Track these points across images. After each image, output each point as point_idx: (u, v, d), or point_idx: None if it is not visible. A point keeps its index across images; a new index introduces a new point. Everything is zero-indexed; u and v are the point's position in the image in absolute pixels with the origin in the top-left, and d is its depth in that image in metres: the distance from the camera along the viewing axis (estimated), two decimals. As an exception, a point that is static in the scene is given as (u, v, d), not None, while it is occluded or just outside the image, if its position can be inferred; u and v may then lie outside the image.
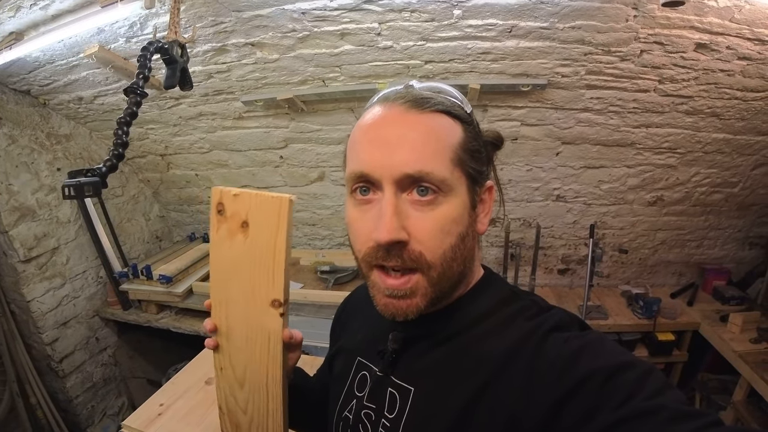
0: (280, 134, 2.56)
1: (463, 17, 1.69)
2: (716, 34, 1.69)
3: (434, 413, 0.59)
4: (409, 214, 0.55)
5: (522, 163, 2.43)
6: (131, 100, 1.39)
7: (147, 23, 1.83)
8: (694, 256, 2.73)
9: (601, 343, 0.55)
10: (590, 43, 1.76)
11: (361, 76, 2.05)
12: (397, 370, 0.66)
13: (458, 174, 0.57)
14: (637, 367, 0.50)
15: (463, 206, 0.58)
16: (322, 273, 2.69)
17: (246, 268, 0.62)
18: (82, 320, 2.83)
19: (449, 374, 0.60)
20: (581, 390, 0.49)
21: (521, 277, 2.77)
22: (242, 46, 1.94)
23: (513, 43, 1.79)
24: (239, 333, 0.66)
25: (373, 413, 0.66)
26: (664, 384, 0.49)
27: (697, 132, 2.15)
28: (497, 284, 0.68)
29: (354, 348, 0.76)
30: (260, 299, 0.62)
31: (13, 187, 2.45)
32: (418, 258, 0.56)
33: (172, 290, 2.60)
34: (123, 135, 1.37)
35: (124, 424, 1.64)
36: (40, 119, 2.62)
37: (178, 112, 2.51)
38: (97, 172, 1.29)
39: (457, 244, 0.58)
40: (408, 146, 0.55)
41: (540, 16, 1.66)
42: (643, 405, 0.46)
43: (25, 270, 2.52)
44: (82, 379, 2.85)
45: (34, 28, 1.89)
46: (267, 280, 0.61)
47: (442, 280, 0.58)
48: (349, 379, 0.73)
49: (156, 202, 3.50)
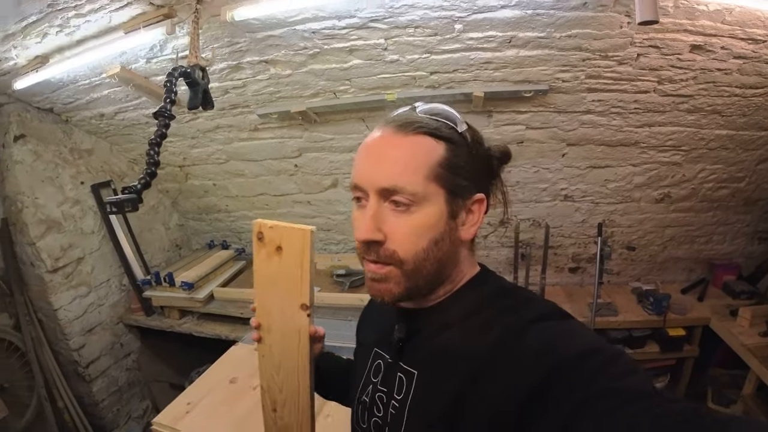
0: (294, 144, 2.71)
1: (464, 31, 1.81)
2: (710, 36, 1.77)
3: (432, 398, 0.69)
4: (387, 218, 0.68)
5: (529, 165, 2.53)
6: (161, 123, 1.56)
7: (166, 45, 1.99)
8: (704, 252, 2.81)
9: (573, 331, 0.62)
10: (587, 50, 1.87)
11: (370, 88, 2.19)
12: (404, 357, 0.76)
13: (434, 188, 0.67)
14: (605, 352, 0.56)
15: (438, 215, 0.68)
16: (337, 276, 2.84)
17: (281, 280, 0.81)
18: (107, 327, 3.01)
19: (443, 365, 0.70)
20: (552, 376, 0.55)
21: (532, 277, 2.86)
22: (256, 64, 2.09)
23: (513, 52, 1.91)
24: (277, 329, 0.86)
25: (384, 396, 0.78)
26: (630, 368, 0.54)
27: (699, 129, 2.23)
28: (488, 281, 0.77)
29: (372, 341, 0.89)
30: (292, 304, 0.82)
31: (39, 200, 2.64)
32: (392, 255, 0.68)
33: (194, 296, 2.77)
34: (155, 155, 1.55)
35: (155, 421, 1.79)
36: (63, 135, 2.81)
37: (196, 126, 2.67)
38: (134, 189, 1.47)
39: (429, 247, 0.68)
40: (388, 163, 0.67)
41: (537, 27, 1.78)
42: (605, 385, 0.51)
43: (52, 279, 2.70)
44: (107, 383, 3.03)
45: (59, 52, 2.05)
46: (297, 290, 0.80)
47: (416, 274, 0.69)
48: (367, 368, 0.85)
49: (175, 211, 3.68)
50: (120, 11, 1.77)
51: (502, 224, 0.87)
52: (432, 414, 0.68)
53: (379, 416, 0.78)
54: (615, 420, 0.47)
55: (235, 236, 3.72)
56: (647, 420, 0.46)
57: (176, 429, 1.73)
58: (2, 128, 2.58)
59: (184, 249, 3.78)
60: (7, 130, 2.56)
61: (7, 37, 1.88)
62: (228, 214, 3.52)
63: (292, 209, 3.23)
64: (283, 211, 3.25)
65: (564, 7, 1.69)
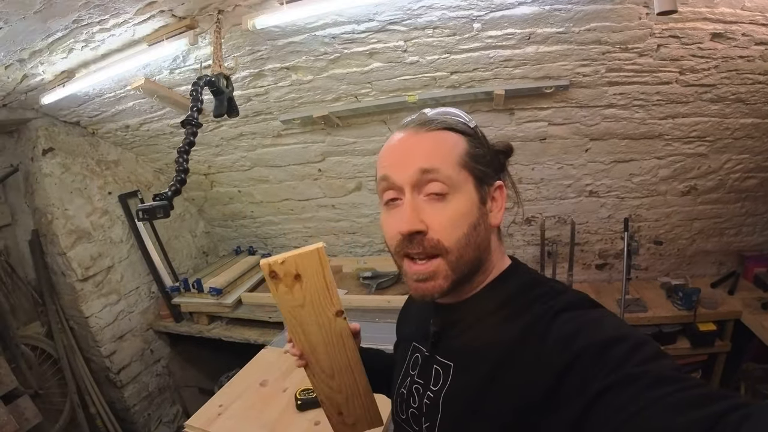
0: (318, 148, 2.77)
1: (483, 29, 1.84)
2: (730, 23, 1.76)
3: (466, 387, 0.72)
4: (425, 209, 0.70)
5: (552, 162, 2.54)
6: (188, 131, 1.63)
7: (189, 55, 2.05)
8: (733, 244, 2.77)
9: (601, 319, 0.64)
10: (607, 43, 1.88)
11: (391, 90, 2.24)
12: (440, 350, 0.80)
13: (465, 174, 0.71)
14: (630, 339, 0.57)
15: (471, 201, 0.72)
16: (364, 279, 2.88)
17: (309, 303, 0.84)
18: (137, 333, 3.11)
19: (476, 355, 0.72)
20: (578, 362, 0.57)
21: (559, 274, 2.84)
22: (278, 71, 2.15)
23: (532, 48, 1.93)
24: (320, 346, 0.89)
25: (421, 387, 0.81)
26: (655, 354, 0.55)
27: (724, 119, 2.21)
28: (520, 272, 0.80)
29: (410, 336, 0.93)
30: (327, 315, 0.86)
31: (69, 211, 2.75)
32: (437, 245, 0.70)
33: (222, 301, 2.85)
34: (184, 162, 1.61)
35: (187, 424, 1.83)
36: (90, 147, 2.92)
37: (220, 134, 2.75)
38: (164, 195, 1.53)
39: (469, 232, 0.71)
40: (419, 152, 0.71)
41: (555, 22, 1.80)
42: (628, 371, 0.52)
43: (82, 288, 2.81)
44: (138, 388, 3.12)
45: (85, 66, 2.12)
46: (327, 302, 0.84)
47: (461, 262, 0.71)
48: (406, 361, 0.89)
49: (201, 219, 3.79)
50: (143, 24, 1.82)
51: (527, 222, 0.91)
52: (465, 402, 0.71)
53: (415, 407, 0.82)
54: (635, 405, 0.49)
55: (261, 242, 3.79)
56: (666, 405, 0.47)
57: (208, 431, 1.77)
58: (31, 142, 2.70)
59: (210, 256, 3.88)
60: (36, 144, 2.67)
61: (34, 53, 1.94)
62: (253, 220, 3.60)
63: (317, 213, 3.28)
64: (308, 215, 3.32)
65: (581, 0, 1.70)
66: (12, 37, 1.76)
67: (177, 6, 1.72)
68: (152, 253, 3.05)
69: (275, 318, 2.77)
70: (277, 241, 3.74)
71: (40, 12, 1.61)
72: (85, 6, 1.63)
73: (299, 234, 3.57)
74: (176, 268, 3.34)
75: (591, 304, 0.69)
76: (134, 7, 1.68)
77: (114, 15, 1.74)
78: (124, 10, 1.70)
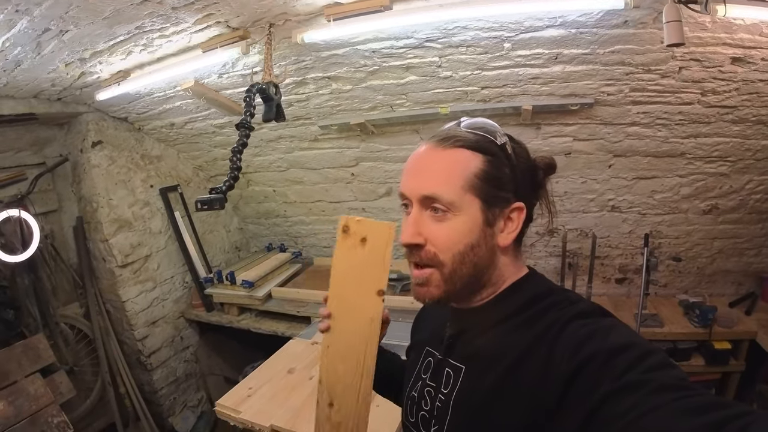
0: (352, 154, 2.97)
1: (513, 49, 2.00)
2: (749, 48, 1.84)
3: (476, 390, 0.76)
4: (427, 224, 0.76)
5: (576, 176, 2.66)
6: (242, 133, 1.86)
7: (238, 62, 2.25)
8: (753, 265, 2.83)
9: (611, 328, 0.65)
10: (630, 64, 2.00)
11: (424, 102, 2.42)
12: (453, 354, 0.84)
13: (470, 197, 0.75)
14: (638, 347, 0.59)
15: (472, 223, 0.75)
16: (390, 281, 3.01)
17: (362, 268, 0.87)
18: (169, 320, 3.35)
19: (488, 359, 0.76)
20: (585, 369, 0.60)
21: (579, 287, 2.92)
22: (320, 80, 2.36)
23: (559, 68, 2.08)
24: (348, 318, 0.90)
25: (432, 390, 0.85)
26: (663, 363, 0.57)
27: (745, 140, 2.29)
28: (535, 282, 0.82)
29: (424, 340, 0.96)
30: (370, 290, 0.88)
31: (113, 201, 3.00)
32: (433, 257, 0.76)
33: (253, 294, 3.07)
34: (237, 161, 1.84)
35: (218, 403, 2.01)
36: (135, 142, 3.17)
37: (260, 136, 2.96)
38: (220, 190, 1.76)
39: (465, 251, 0.75)
40: (428, 174, 0.76)
41: (581, 44, 1.94)
42: (634, 378, 0.55)
43: (121, 274, 3.05)
44: (166, 373, 3.35)
45: (140, 67, 2.31)
46: (377, 277, 0.87)
47: (454, 277, 0.76)
48: (418, 365, 0.92)
49: (235, 215, 4.03)
50: (199, 33, 2.00)
51: (549, 233, 0.97)
52: (475, 405, 0.75)
53: (426, 410, 0.85)
54: (638, 410, 0.51)
55: (291, 240, 3.99)
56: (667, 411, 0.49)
57: (238, 410, 1.93)
58: (81, 135, 2.96)
59: (242, 251, 4.12)
60: (86, 137, 2.93)
61: (95, 54, 2.12)
62: (286, 219, 3.79)
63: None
64: (338, 217, 3.43)
65: (606, 25, 1.82)
66: (78, 39, 1.94)
67: (232, 18, 1.90)
68: (188, 245, 3.28)
69: (303, 312, 2.95)
70: (307, 241, 3.92)
71: (109, 18, 1.78)
72: (149, 15, 1.81)
73: (329, 235, 3.73)
74: (210, 261, 3.56)
75: (603, 313, 0.72)
76: (194, 17, 1.86)
77: (174, 23, 1.91)
78: (185, 20, 1.87)
